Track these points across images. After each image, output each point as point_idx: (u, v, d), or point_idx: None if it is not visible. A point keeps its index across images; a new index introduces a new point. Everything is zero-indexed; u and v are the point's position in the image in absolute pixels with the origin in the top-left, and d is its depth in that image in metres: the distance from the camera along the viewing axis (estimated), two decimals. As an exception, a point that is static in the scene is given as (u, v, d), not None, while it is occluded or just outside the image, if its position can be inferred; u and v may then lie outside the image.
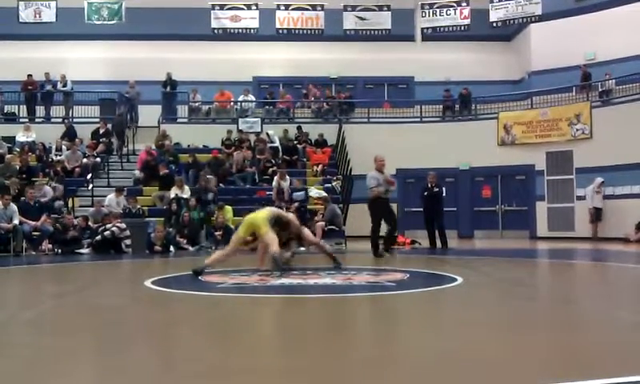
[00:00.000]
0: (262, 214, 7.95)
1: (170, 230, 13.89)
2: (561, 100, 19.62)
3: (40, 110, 20.47)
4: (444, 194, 14.79)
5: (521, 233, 18.98)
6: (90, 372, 3.21)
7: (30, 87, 20.18)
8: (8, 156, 16.85)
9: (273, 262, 7.46)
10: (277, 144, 19.17)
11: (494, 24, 20.89)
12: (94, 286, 7.60)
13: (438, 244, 13.83)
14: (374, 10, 21.17)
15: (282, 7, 20.93)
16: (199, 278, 7.39)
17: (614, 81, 19.03)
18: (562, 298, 6.11)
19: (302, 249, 10.20)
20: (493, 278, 8.08)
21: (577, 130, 18.39)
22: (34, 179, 15.67)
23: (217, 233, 13.91)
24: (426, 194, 14.34)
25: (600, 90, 19.36)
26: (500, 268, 9.15)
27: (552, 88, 20.05)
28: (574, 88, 20.00)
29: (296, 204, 14.96)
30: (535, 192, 19.13)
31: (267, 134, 19.34)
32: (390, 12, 20.97)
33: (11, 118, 20.39)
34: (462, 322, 4.70)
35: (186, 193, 15.29)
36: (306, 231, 8.85)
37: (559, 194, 18.80)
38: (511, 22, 20.96)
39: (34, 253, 12.91)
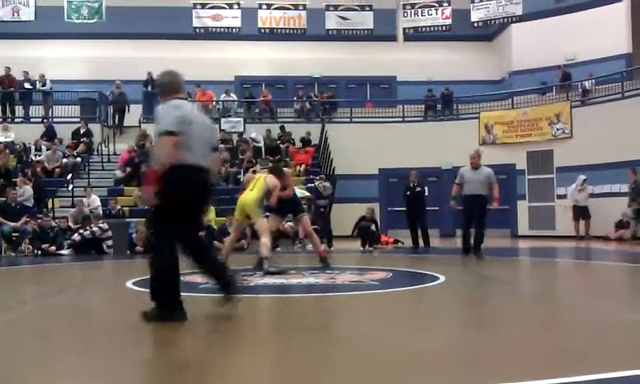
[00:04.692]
0: (252, 197, 7.94)
1: (152, 230, 13.76)
2: (541, 100, 19.80)
3: (19, 110, 20.20)
4: (426, 194, 14.80)
5: (502, 231, 19.09)
6: (66, 373, 3.17)
7: (5, 82, 19.85)
8: (-15, 156, 16.60)
9: (262, 267, 7.52)
10: (260, 144, 19.13)
11: (475, 24, 21.01)
12: (74, 288, 7.50)
13: (421, 243, 13.87)
14: (356, 10, 21.19)
15: (264, 6, 20.86)
16: (181, 279, 7.33)
17: (592, 81, 19.23)
18: (542, 295, 6.15)
19: (279, 249, 10.26)
20: (475, 276, 8.12)
21: (557, 129, 18.56)
22: (14, 180, 15.46)
23: (200, 233, 13.81)
24: (408, 193, 14.38)
25: (580, 89, 19.55)
26: (482, 266, 9.20)
27: (532, 88, 20.22)
28: (554, 88, 20.19)
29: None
30: (516, 191, 19.28)
31: (251, 138, 19.26)
32: (371, 12, 21.01)
33: (-12, 118, 20.13)
34: (444, 320, 4.72)
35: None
36: (306, 218, 8.94)
37: (540, 193, 18.97)
38: (492, 22, 21.10)
39: (13, 254, 12.75)
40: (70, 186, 15.95)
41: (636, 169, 15.25)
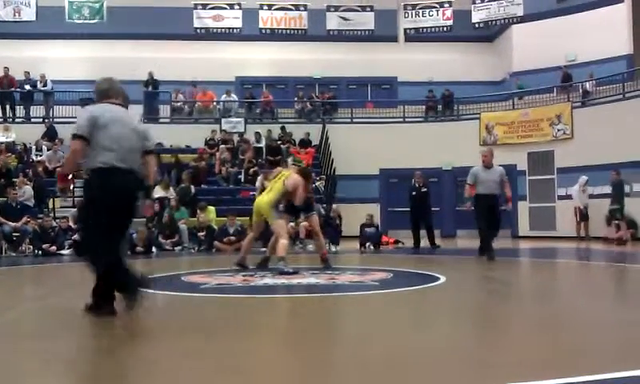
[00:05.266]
0: (267, 199, 8.03)
1: (153, 230, 13.79)
2: (542, 101, 19.79)
3: (20, 110, 20.21)
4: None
5: (502, 232, 18.98)
6: (66, 376, 3.17)
7: (4, 82, 19.85)
8: (-14, 156, 16.61)
9: (278, 271, 7.55)
10: (261, 144, 19.16)
11: (476, 25, 21.01)
12: (74, 288, 7.50)
13: (423, 243, 13.82)
14: (357, 11, 21.19)
15: (265, 7, 20.88)
16: (182, 279, 7.35)
17: (593, 82, 19.21)
18: (543, 296, 6.15)
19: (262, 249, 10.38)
20: (476, 277, 8.12)
21: (558, 130, 18.56)
22: (15, 180, 15.46)
23: (200, 234, 13.83)
24: (414, 193, 14.30)
25: (581, 90, 19.54)
26: (483, 267, 9.20)
27: (533, 89, 20.20)
28: (555, 89, 20.18)
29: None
30: (517, 192, 19.24)
31: (256, 133, 19.31)
32: (372, 12, 21.01)
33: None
34: (444, 320, 4.72)
35: (171, 194, 15.18)
36: (315, 217, 9.09)
37: (541, 193, 18.95)
38: (493, 23, 21.10)
39: (13, 254, 12.75)
40: (72, 186, 15.93)
41: (620, 170, 15.28)
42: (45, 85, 20.03)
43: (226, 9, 20.84)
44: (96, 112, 4.47)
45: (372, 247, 13.51)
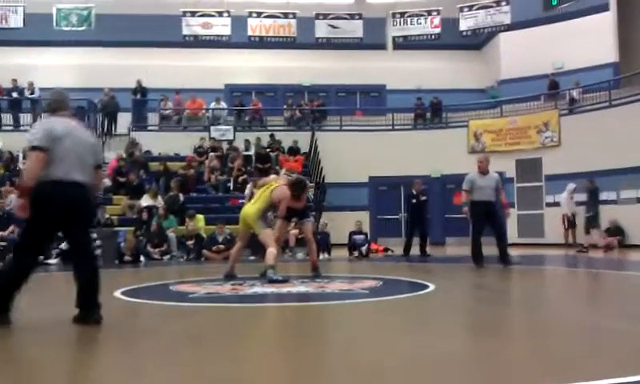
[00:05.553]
0: (253, 209, 7.99)
1: (141, 239, 13.71)
2: (529, 108, 19.93)
3: (7, 118, 20.07)
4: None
5: (491, 239, 19.09)
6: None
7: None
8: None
9: (268, 279, 7.51)
10: (250, 152, 19.14)
11: (464, 33, 21.15)
12: (60, 297, 7.43)
13: (413, 251, 13.79)
14: (346, 19, 21.29)
15: (254, 15, 20.92)
16: (170, 288, 7.30)
17: (579, 90, 19.39)
18: (532, 303, 6.16)
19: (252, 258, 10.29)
20: (465, 284, 8.13)
21: (545, 137, 18.69)
22: (0, 189, 15.33)
23: (188, 242, 13.77)
24: (414, 201, 14.24)
25: (568, 98, 19.71)
26: (473, 275, 9.22)
27: (521, 96, 20.35)
28: (542, 96, 20.34)
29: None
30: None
31: (246, 141, 19.32)
32: (361, 20, 21.11)
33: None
34: (432, 327, 4.71)
35: (160, 202, 15.11)
36: (309, 225, 9.05)
37: (529, 200, 19.05)
38: (481, 31, 21.25)
39: (0, 263, 12.63)
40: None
41: (593, 179, 15.42)
42: (32, 92, 19.92)
43: (214, 16, 20.86)
44: (49, 125, 4.54)
45: (362, 253, 13.50)
